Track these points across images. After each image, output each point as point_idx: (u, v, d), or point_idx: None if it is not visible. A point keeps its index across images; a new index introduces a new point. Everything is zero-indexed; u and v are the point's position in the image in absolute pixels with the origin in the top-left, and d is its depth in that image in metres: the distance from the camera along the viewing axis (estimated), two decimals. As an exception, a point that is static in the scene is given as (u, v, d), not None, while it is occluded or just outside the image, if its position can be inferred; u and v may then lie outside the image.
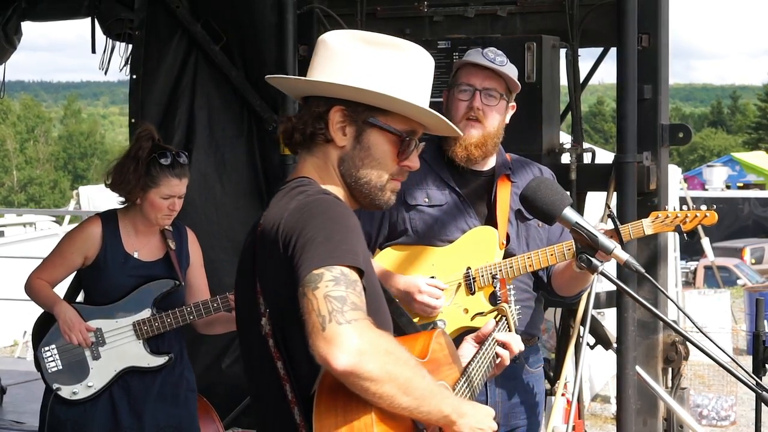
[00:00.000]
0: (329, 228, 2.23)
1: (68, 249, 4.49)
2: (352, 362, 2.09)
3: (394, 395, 2.15)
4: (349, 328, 2.10)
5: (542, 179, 2.86)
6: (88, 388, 4.42)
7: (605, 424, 10.92)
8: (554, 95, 5.35)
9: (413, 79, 2.42)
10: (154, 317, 4.43)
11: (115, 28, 6.66)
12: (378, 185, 2.44)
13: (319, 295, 2.13)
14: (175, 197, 4.39)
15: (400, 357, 2.17)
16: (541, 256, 3.70)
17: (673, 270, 13.37)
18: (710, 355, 2.63)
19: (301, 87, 2.49)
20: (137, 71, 6.41)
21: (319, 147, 2.43)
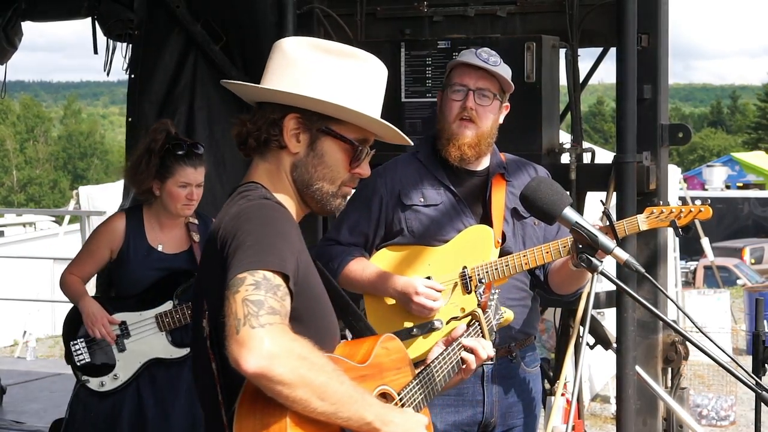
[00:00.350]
0: (259, 232, 2.28)
1: (95, 244, 4.61)
2: (262, 365, 2.11)
3: (308, 399, 2.16)
4: (261, 332, 2.13)
5: (542, 179, 2.87)
6: (115, 379, 4.51)
7: (605, 424, 10.92)
8: (554, 95, 5.35)
9: (366, 89, 2.47)
10: (175, 309, 4.50)
11: (115, 29, 6.67)
12: (330, 192, 2.49)
13: (238, 298, 2.17)
14: (193, 186, 4.50)
15: (314, 362, 2.18)
16: (537, 253, 3.69)
17: (673, 270, 13.38)
18: (710, 355, 2.63)
19: (257, 94, 2.52)
20: (135, 71, 6.41)
21: (273, 153, 2.49)
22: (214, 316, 2.31)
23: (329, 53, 2.45)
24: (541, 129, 5.17)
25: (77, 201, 13.46)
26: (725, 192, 31.01)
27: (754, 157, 41.86)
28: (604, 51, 5.73)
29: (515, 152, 4.09)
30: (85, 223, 11.21)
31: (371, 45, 5.57)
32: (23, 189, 58.42)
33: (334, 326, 2.51)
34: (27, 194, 57.76)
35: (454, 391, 3.69)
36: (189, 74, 6.38)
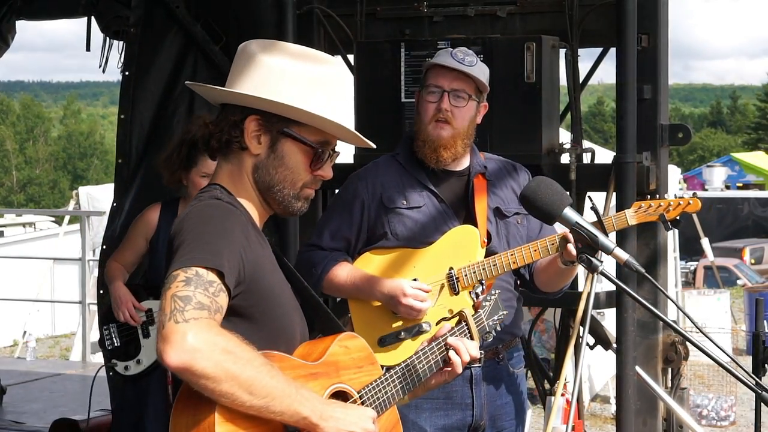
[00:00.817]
0: (199, 230, 2.31)
1: (132, 233, 4.83)
2: (183, 359, 2.13)
3: (234, 393, 2.17)
4: (185, 326, 2.15)
5: (542, 179, 2.86)
6: (138, 364, 4.68)
7: (605, 424, 10.93)
8: (554, 95, 5.35)
9: (328, 92, 2.48)
10: None
11: (113, 26, 6.67)
12: (291, 194, 2.50)
13: (168, 295, 2.21)
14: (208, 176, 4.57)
15: (240, 356, 2.19)
16: (525, 252, 3.66)
17: (673, 270, 13.39)
18: (710, 355, 2.63)
19: (218, 95, 2.53)
20: (130, 68, 6.41)
21: (235, 154, 2.50)
22: None
23: (291, 56, 2.48)
24: (541, 129, 5.17)
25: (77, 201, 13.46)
26: (725, 192, 31.00)
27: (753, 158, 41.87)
28: (604, 51, 5.72)
29: (515, 152, 4.09)
30: (85, 223, 11.21)
31: (371, 45, 5.57)
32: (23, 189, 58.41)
33: (292, 326, 2.50)
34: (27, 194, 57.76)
35: (443, 395, 3.68)
36: (189, 74, 6.38)
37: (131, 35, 6.41)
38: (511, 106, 5.18)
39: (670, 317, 3.20)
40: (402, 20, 5.73)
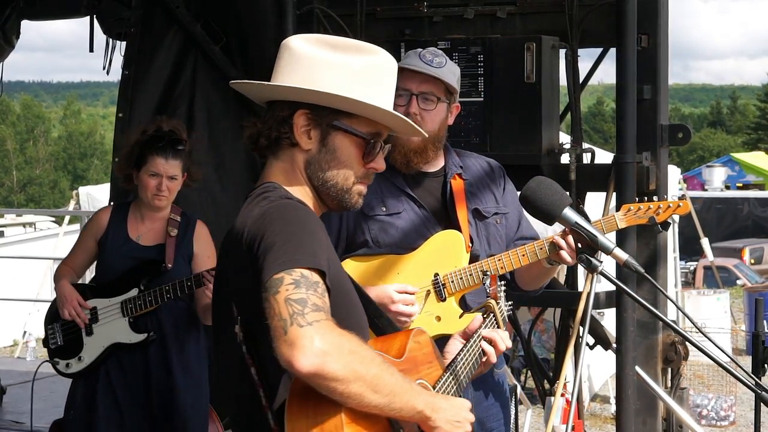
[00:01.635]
0: (287, 231, 2.25)
1: (83, 235, 4.87)
2: (315, 364, 2.10)
3: (362, 394, 2.15)
4: (310, 330, 2.11)
5: (542, 179, 2.86)
6: (80, 361, 4.72)
7: (605, 424, 10.93)
8: (554, 95, 5.35)
9: (376, 82, 2.43)
10: (139, 296, 4.65)
11: (115, 28, 6.68)
12: (344, 187, 2.45)
13: (280, 299, 2.15)
14: (163, 177, 4.64)
15: (365, 355, 2.17)
16: (513, 257, 3.59)
17: (673, 270, 13.39)
18: (710, 355, 2.63)
19: (265, 92, 2.50)
20: (129, 67, 6.42)
21: (285, 151, 2.45)
22: (248, 320, 2.28)
23: (336, 48, 2.43)
24: (540, 129, 5.18)
25: (77, 201, 13.47)
26: (725, 192, 30.97)
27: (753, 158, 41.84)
28: (604, 51, 5.73)
29: (515, 152, 4.09)
30: (85, 223, 11.20)
31: (371, 45, 5.58)
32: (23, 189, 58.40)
33: (364, 322, 2.50)
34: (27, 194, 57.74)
35: None
36: (189, 74, 6.38)
37: (131, 35, 6.42)
38: (511, 106, 5.19)
39: (669, 317, 3.21)
40: (402, 20, 5.74)
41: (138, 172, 4.64)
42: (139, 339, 4.66)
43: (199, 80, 6.37)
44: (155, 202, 4.66)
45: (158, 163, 4.62)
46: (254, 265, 2.24)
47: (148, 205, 4.70)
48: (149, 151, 4.62)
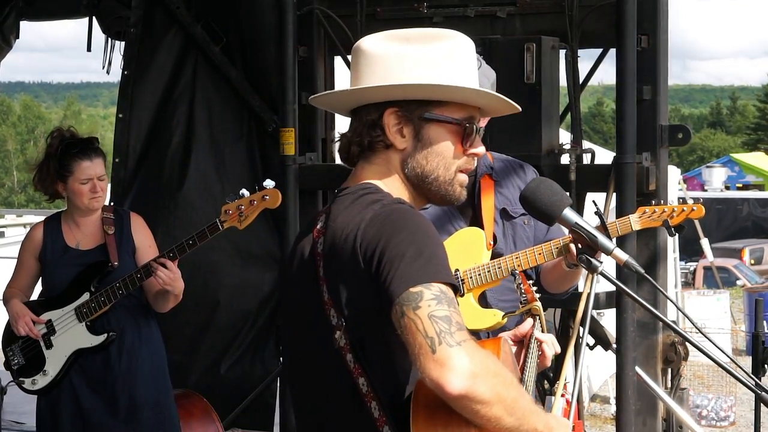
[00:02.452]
0: (418, 242, 2.15)
1: (21, 255, 4.82)
2: (466, 386, 2.03)
3: (501, 417, 2.09)
4: (460, 351, 2.04)
5: (542, 179, 2.86)
6: (45, 375, 4.67)
7: (605, 424, 10.92)
8: (554, 96, 5.35)
9: (457, 64, 2.33)
10: (92, 299, 4.62)
11: (115, 27, 6.68)
12: (447, 179, 2.36)
13: (422, 314, 2.06)
14: (94, 179, 4.62)
15: (506, 377, 2.12)
16: (530, 255, 3.67)
17: (673, 270, 13.38)
18: (709, 356, 2.63)
19: (346, 99, 2.40)
20: (129, 67, 6.42)
21: (379, 154, 2.36)
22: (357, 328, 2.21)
23: (408, 41, 2.34)
24: (540, 130, 5.18)
25: (77, 202, 13.42)
26: (725, 193, 31.00)
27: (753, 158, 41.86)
28: (604, 52, 5.73)
29: (515, 153, 4.08)
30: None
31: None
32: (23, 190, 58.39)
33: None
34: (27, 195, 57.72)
35: None
36: (189, 75, 6.39)
37: (131, 35, 6.42)
38: (511, 107, 5.19)
39: (669, 318, 3.21)
40: (402, 21, 5.74)
41: (64, 183, 4.61)
42: (100, 340, 4.63)
43: (200, 80, 6.38)
44: (93, 204, 4.64)
45: (84, 167, 4.60)
46: (375, 274, 2.14)
47: (81, 211, 4.67)
48: (70, 159, 4.59)
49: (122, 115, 6.41)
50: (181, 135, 6.36)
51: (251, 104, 6.25)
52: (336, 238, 2.24)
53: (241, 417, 6.21)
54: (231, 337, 6.27)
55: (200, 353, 6.26)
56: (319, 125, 6.09)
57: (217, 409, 5.50)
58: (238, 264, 6.20)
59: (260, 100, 6.22)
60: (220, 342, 6.25)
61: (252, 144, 6.32)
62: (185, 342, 6.22)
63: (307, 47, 5.98)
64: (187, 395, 5.46)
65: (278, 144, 5.77)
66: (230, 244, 6.17)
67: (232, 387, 6.22)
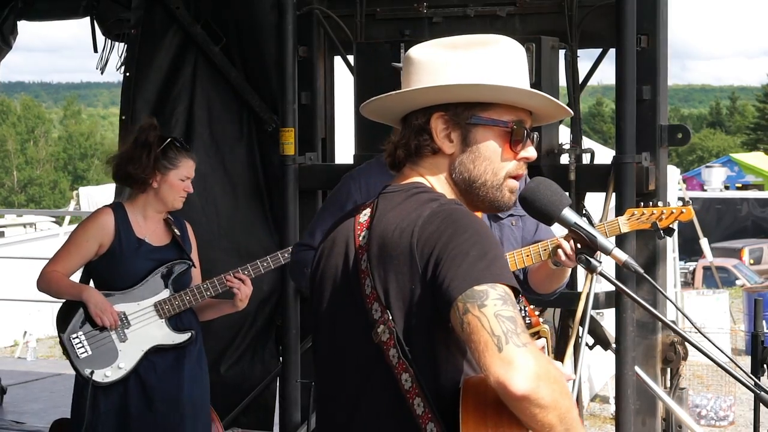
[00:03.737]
0: (482, 243, 2.14)
1: (83, 238, 4.63)
2: (530, 387, 2.02)
3: (554, 425, 2.08)
4: (526, 352, 2.04)
5: (541, 180, 2.86)
6: (119, 369, 4.56)
7: (604, 424, 10.93)
8: (553, 96, 5.33)
9: (505, 67, 2.32)
10: (173, 297, 4.59)
11: (114, 29, 6.69)
12: (495, 185, 2.34)
13: (488, 312, 2.06)
14: (189, 179, 4.61)
15: (564, 386, 2.11)
16: (517, 257, 3.66)
17: (672, 270, 13.40)
18: (709, 356, 2.63)
19: (395, 106, 2.38)
20: (130, 69, 6.43)
21: (427, 160, 2.34)
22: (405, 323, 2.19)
23: (456, 47, 2.33)
24: (540, 129, 5.17)
25: (77, 201, 13.49)
26: (724, 193, 30.99)
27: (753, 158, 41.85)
28: (604, 52, 5.74)
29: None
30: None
31: (371, 46, 5.58)
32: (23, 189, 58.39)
33: None
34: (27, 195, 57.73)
35: None
36: (189, 75, 6.39)
37: (131, 36, 6.43)
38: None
39: (669, 317, 3.22)
40: (402, 21, 5.74)
41: (164, 175, 4.54)
42: (183, 339, 4.61)
43: (199, 80, 6.38)
44: (179, 203, 4.62)
45: (189, 165, 4.59)
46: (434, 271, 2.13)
47: (162, 206, 4.61)
48: (177, 153, 4.56)
49: (124, 117, 6.42)
50: (181, 134, 6.36)
51: (251, 104, 6.25)
52: (387, 233, 2.23)
53: (241, 417, 6.21)
54: (230, 337, 6.27)
55: (200, 353, 6.27)
56: (319, 125, 6.09)
57: (217, 409, 5.49)
58: (238, 264, 6.18)
59: (260, 100, 6.22)
60: (219, 342, 6.24)
61: (252, 144, 6.33)
62: (185, 342, 6.22)
63: (307, 47, 5.99)
64: (187, 395, 5.46)
65: (278, 144, 5.78)
66: (230, 243, 6.18)
67: (232, 387, 6.22)
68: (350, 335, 2.27)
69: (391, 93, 2.36)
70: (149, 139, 4.54)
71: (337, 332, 2.32)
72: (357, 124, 5.41)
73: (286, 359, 5.84)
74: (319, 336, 2.41)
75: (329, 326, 2.35)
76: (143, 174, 4.53)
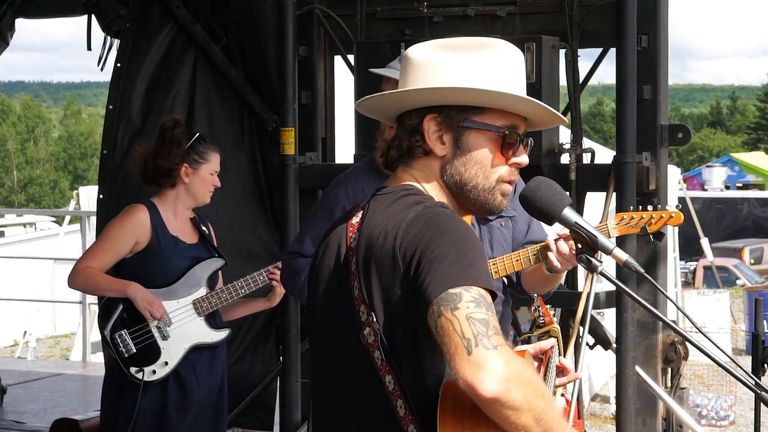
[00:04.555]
0: (460, 246, 2.15)
1: (119, 235, 4.55)
2: (500, 390, 2.02)
3: (529, 426, 2.08)
4: (495, 354, 2.04)
5: (542, 179, 2.86)
6: (165, 366, 4.54)
7: (605, 424, 10.93)
8: (554, 96, 5.36)
9: (500, 72, 2.32)
10: (210, 294, 4.60)
11: (114, 25, 6.68)
12: (486, 187, 2.34)
13: (461, 315, 2.06)
14: (216, 173, 4.62)
15: (538, 387, 2.11)
16: (507, 262, 3.63)
17: (673, 270, 13.39)
18: (709, 355, 2.63)
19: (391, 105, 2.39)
20: (122, 60, 6.41)
21: (419, 161, 2.35)
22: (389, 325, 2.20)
23: (455, 49, 2.33)
24: (540, 130, 5.17)
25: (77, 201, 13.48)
26: (725, 192, 31.00)
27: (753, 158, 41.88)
28: (604, 51, 5.73)
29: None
30: (85, 223, 11.22)
31: (371, 45, 5.58)
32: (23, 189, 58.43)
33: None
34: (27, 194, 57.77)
35: None
36: (188, 74, 6.38)
37: (126, 30, 6.41)
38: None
39: (669, 317, 3.21)
40: (402, 21, 5.74)
41: (195, 170, 4.53)
42: (221, 337, 4.64)
43: (199, 80, 6.37)
44: (208, 198, 4.63)
45: (217, 159, 4.60)
46: (414, 273, 2.14)
47: (192, 201, 4.61)
48: (206, 148, 4.56)
49: (112, 107, 6.40)
50: (181, 134, 6.36)
51: (251, 104, 6.25)
52: (373, 236, 2.24)
53: (241, 417, 6.21)
54: (231, 337, 6.27)
55: (200, 353, 6.26)
56: (319, 125, 6.09)
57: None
58: (238, 263, 6.19)
59: (260, 99, 6.21)
60: (219, 342, 6.24)
61: (252, 144, 6.32)
62: (185, 341, 6.22)
63: (307, 47, 5.98)
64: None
65: (278, 144, 5.77)
66: (231, 243, 6.17)
67: (232, 386, 6.21)
68: (341, 336, 2.27)
69: (386, 92, 2.36)
70: (176, 134, 4.53)
71: (330, 333, 2.33)
72: (357, 123, 5.40)
73: (286, 359, 5.84)
74: (313, 336, 2.42)
75: (323, 327, 2.36)
76: (175, 167, 4.51)
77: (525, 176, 2.74)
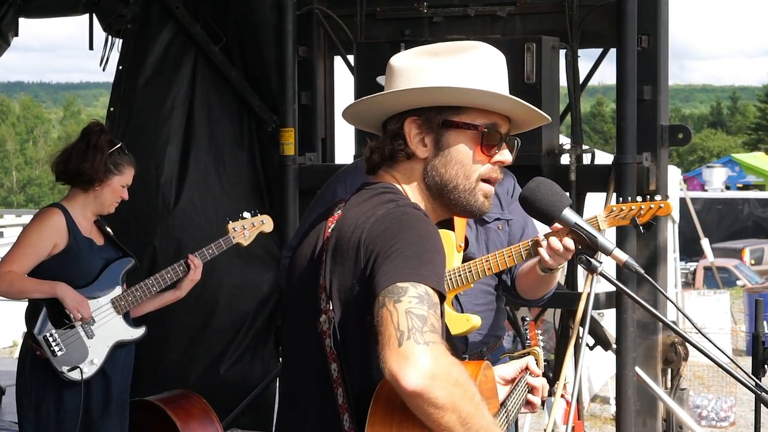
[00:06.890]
0: (420, 245, 2.17)
1: (38, 238, 4.65)
2: (422, 384, 2.03)
3: (453, 427, 2.08)
4: (426, 349, 2.05)
5: (541, 180, 2.85)
6: (92, 365, 4.64)
7: (605, 424, 10.93)
8: (554, 96, 5.35)
9: (479, 72, 2.32)
10: (126, 292, 4.71)
11: (115, 25, 6.69)
12: (466, 188, 2.34)
13: (401, 308, 2.08)
14: (127, 187, 4.70)
15: (467, 390, 2.11)
16: (499, 258, 3.61)
17: (673, 271, 13.38)
18: (709, 356, 2.63)
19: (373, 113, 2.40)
20: (124, 63, 6.42)
21: (401, 164, 2.36)
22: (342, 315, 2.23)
23: (437, 54, 2.35)
24: (540, 130, 5.17)
25: (77, 202, 13.44)
26: (725, 193, 30.99)
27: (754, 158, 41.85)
28: (604, 52, 5.73)
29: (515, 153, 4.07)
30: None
31: (371, 46, 5.58)
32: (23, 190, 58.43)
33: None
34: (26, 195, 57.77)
35: None
36: (188, 74, 6.38)
37: (128, 31, 6.42)
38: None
39: (669, 318, 3.21)
40: (402, 21, 5.74)
41: (108, 179, 4.61)
42: (140, 333, 4.76)
43: (199, 80, 6.38)
44: (112, 209, 4.71)
45: (131, 173, 4.69)
46: (370, 265, 2.17)
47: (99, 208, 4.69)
48: (123, 160, 4.65)
49: (113, 109, 6.42)
50: (181, 134, 6.36)
51: (251, 104, 6.25)
52: (345, 228, 2.26)
53: (240, 417, 6.20)
54: (230, 337, 6.27)
55: (199, 353, 6.26)
56: (319, 125, 6.09)
57: (217, 409, 5.49)
58: (238, 264, 6.19)
59: (260, 100, 6.21)
60: (219, 342, 6.24)
61: (252, 144, 6.32)
62: (184, 342, 6.22)
63: (307, 47, 5.98)
64: (186, 395, 5.46)
65: (278, 144, 5.77)
66: (230, 243, 6.17)
67: (232, 387, 6.22)
68: (306, 321, 2.31)
69: (365, 98, 2.38)
70: (100, 141, 4.60)
71: (299, 318, 2.36)
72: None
73: (286, 360, 5.83)
74: (285, 321, 2.45)
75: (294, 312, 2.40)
76: (95, 175, 4.59)
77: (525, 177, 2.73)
